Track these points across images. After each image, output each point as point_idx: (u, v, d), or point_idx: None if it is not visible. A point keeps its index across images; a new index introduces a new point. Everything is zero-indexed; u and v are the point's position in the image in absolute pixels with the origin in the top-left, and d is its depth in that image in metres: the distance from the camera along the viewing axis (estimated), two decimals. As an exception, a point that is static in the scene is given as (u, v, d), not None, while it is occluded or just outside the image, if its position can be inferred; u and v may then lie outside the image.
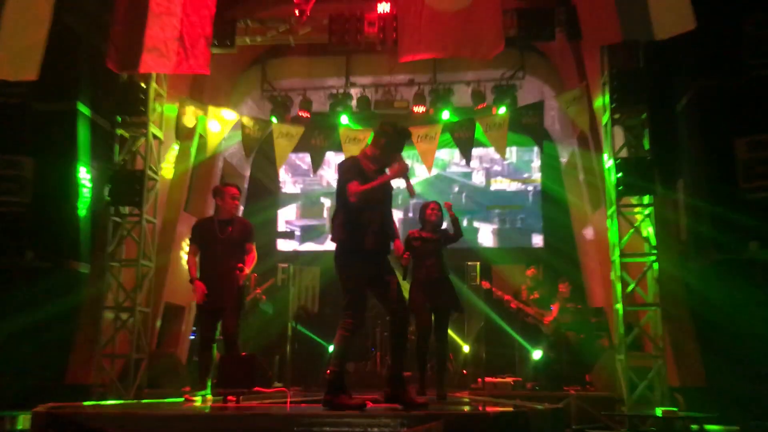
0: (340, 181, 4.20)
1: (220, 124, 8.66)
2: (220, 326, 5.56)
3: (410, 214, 11.95)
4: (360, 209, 4.09)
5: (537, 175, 11.90)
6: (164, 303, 8.90)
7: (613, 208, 6.98)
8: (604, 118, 7.22)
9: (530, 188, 11.96)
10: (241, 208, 10.64)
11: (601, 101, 7.29)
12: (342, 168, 4.24)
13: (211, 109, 8.62)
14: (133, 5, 6.84)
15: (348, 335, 4.05)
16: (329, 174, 12.19)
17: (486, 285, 8.45)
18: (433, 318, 5.87)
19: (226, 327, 5.47)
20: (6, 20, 6.28)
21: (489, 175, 12.13)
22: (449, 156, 12.13)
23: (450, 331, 8.91)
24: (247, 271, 5.54)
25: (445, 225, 6.09)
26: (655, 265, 6.80)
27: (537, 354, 8.03)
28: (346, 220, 4.13)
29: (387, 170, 4.27)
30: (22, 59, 6.26)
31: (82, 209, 8.01)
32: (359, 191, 4.03)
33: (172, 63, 6.76)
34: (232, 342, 5.45)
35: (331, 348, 9.25)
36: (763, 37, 6.81)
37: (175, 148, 8.85)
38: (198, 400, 5.23)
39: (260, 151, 9.77)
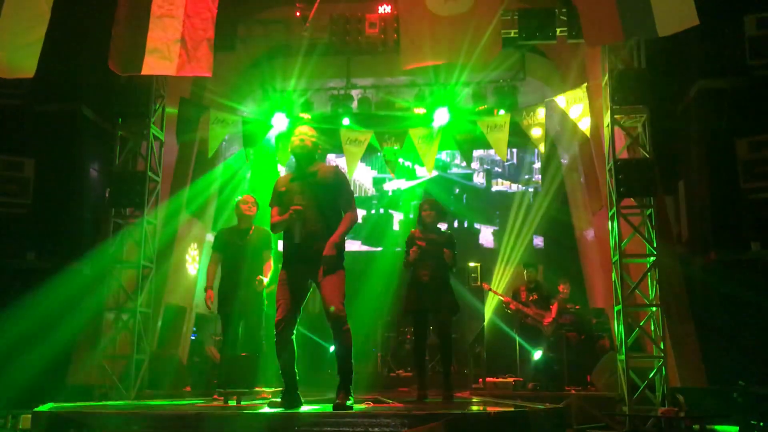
0: None
1: (221, 125, 8.65)
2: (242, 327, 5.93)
3: (410, 215, 11.96)
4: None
5: (538, 177, 11.91)
6: (165, 304, 8.90)
7: (614, 209, 6.97)
8: (605, 119, 7.22)
9: (531, 189, 11.96)
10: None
11: (602, 102, 7.29)
12: None
13: (211, 110, 8.62)
14: (135, 7, 6.83)
15: (275, 332, 4.17)
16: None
17: (486, 287, 8.42)
18: (433, 319, 5.87)
19: (249, 329, 5.87)
20: (4, 18, 6.27)
21: (490, 176, 12.14)
22: (450, 157, 12.13)
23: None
24: (266, 280, 5.80)
25: (445, 226, 6.09)
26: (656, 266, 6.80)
27: (537, 354, 8.02)
28: None
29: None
30: (20, 57, 6.25)
31: (84, 210, 8.02)
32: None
33: (174, 65, 6.76)
34: (255, 342, 5.84)
35: (331, 348, 9.32)
36: (765, 37, 6.82)
37: (176, 149, 8.86)
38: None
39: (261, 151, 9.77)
